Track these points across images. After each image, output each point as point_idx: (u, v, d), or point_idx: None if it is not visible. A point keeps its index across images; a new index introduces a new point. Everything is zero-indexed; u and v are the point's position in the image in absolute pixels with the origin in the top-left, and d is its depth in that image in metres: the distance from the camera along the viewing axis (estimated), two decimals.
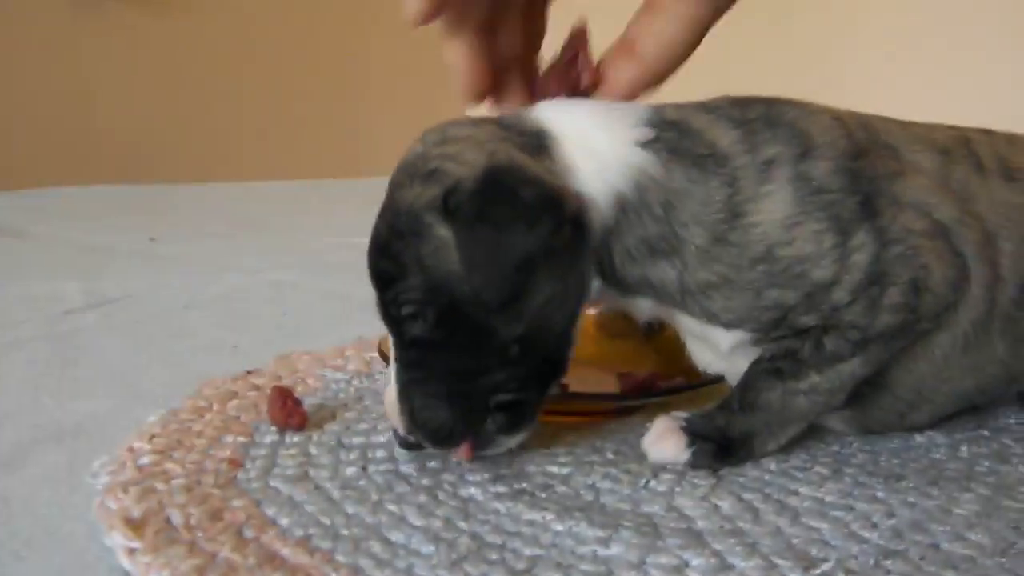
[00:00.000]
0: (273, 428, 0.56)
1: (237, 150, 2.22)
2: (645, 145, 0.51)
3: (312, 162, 2.14)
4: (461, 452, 0.51)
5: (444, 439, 0.50)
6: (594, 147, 0.51)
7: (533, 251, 0.46)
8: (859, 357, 0.51)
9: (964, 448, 0.55)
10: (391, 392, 0.50)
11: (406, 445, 0.52)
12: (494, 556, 0.42)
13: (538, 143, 0.50)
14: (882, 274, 0.50)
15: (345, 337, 0.76)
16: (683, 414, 0.53)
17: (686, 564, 0.42)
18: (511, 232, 0.46)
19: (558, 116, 0.52)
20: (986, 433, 0.57)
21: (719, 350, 0.53)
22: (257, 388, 0.63)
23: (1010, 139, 0.58)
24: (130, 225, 1.43)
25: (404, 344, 0.50)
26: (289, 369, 0.68)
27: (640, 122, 0.51)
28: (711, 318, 0.52)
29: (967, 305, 0.52)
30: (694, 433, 0.52)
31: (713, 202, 0.50)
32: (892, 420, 0.56)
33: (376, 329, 0.77)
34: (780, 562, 0.42)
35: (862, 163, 0.51)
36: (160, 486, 0.49)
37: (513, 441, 0.51)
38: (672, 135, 0.51)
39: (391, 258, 0.49)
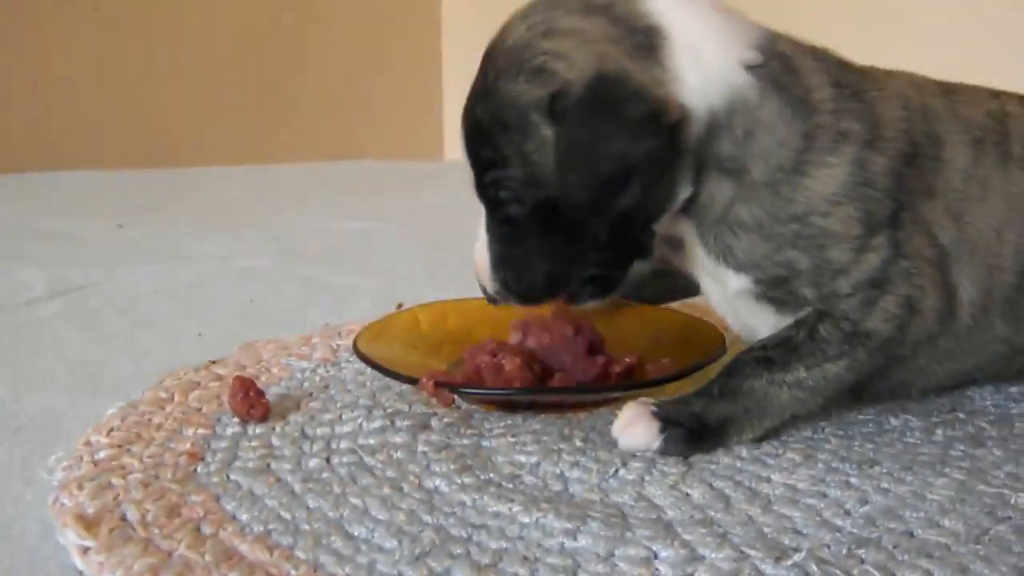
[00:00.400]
0: (236, 419, 0.55)
1: (206, 135, 2.19)
2: (751, 69, 0.51)
3: (282, 147, 2.11)
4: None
5: (535, 300, 0.55)
6: (704, 58, 0.51)
7: (631, 164, 0.49)
8: (846, 359, 0.52)
9: (939, 432, 0.54)
10: (481, 255, 0.54)
11: (492, 300, 0.56)
12: (458, 550, 0.41)
13: (649, 43, 0.51)
14: (885, 281, 0.51)
15: (312, 324, 0.75)
16: (653, 400, 0.52)
17: (655, 556, 0.41)
18: (612, 144, 0.48)
19: (674, 15, 0.52)
20: (961, 416, 0.56)
21: (726, 291, 0.55)
22: (220, 378, 0.62)
23: None
24: (98, 212, 1.40)
25: (497, 220, 0.53)
26: (254, 358, 0.66)
27: (753, 44, 0.52)
28: (726, 255, 0.53)
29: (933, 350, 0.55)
30: (665, 419, 0.51)
31: (787, 147, 0.51)
32: (885, 393, 0.57)
33: (342, 317, 0.76)
34: (751, 552, 0.41)
35: (909, 172, 0.53)
36: (117, 481, 0.47)
37: (601, 302, 0.56)
38: (778, 66, 0.52)
39: (492, 146, 0.51)
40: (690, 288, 0.60)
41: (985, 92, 0.57)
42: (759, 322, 0.55)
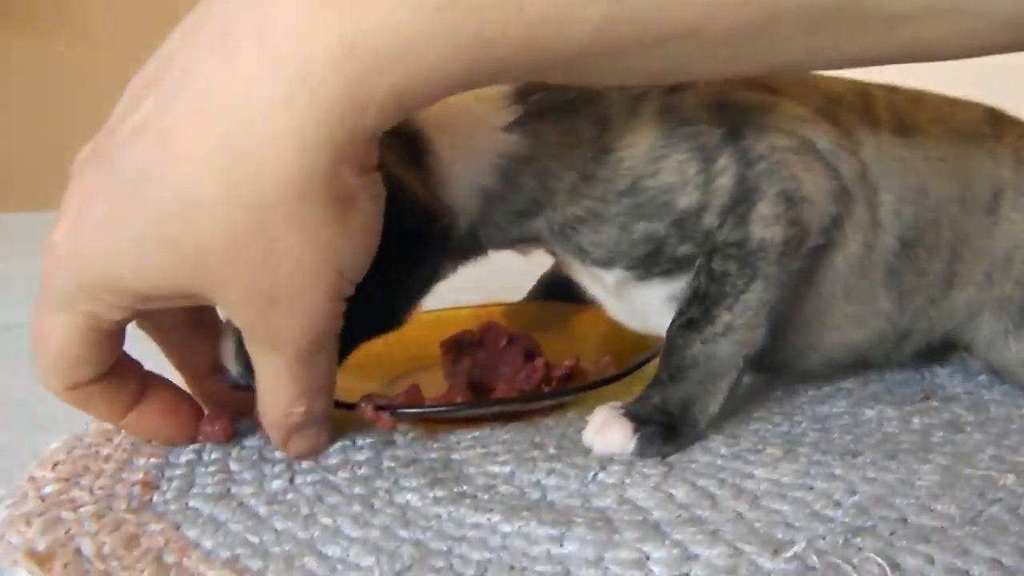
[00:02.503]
0: (189, 447, 0.52)
1: None
2: (512, 126, 0.50)
3: None
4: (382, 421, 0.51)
5: None
6: (463, 143, 0.49)
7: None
8: (758, 281, 0.50)
9: (916, 420, 0.53)
10: (225, 338, 0.50)
11: (237, 386, 0.50)
12: (440, 563, 0.39)
13: (414, 148, 0.49)
14: (748, 192, 0.50)
15: None
16: (619, 403, 0.51)
17: (647, 557, 0.39)
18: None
19: (437, 118, 0.49)
20: (935, 404, 0.55)
21: (608, 287, 0.53)
22: None
23: (915, 96, 0.57)
24: (28, 251, 1.36)
25: None
26: None
27: (508, 100, 0.50)
28: (581, 254, 0.52)
29: (844, 243, 0.52)
30: (635, 418, 0.49)
31: (583, 143, 0.50)
32: (781, 362, 0.56)
33: None
34: (746, 548, 0.39)
35: (732, 96, 0.51)
36: (67, 515, 0.44)
37: None
38: (541, 95, 0.50)
39: None
40: None
41: (843, 77, 0.56)
42: (653, 302, 0.53)
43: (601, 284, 0.54)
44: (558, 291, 0.64)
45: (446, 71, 0.39)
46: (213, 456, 0.51)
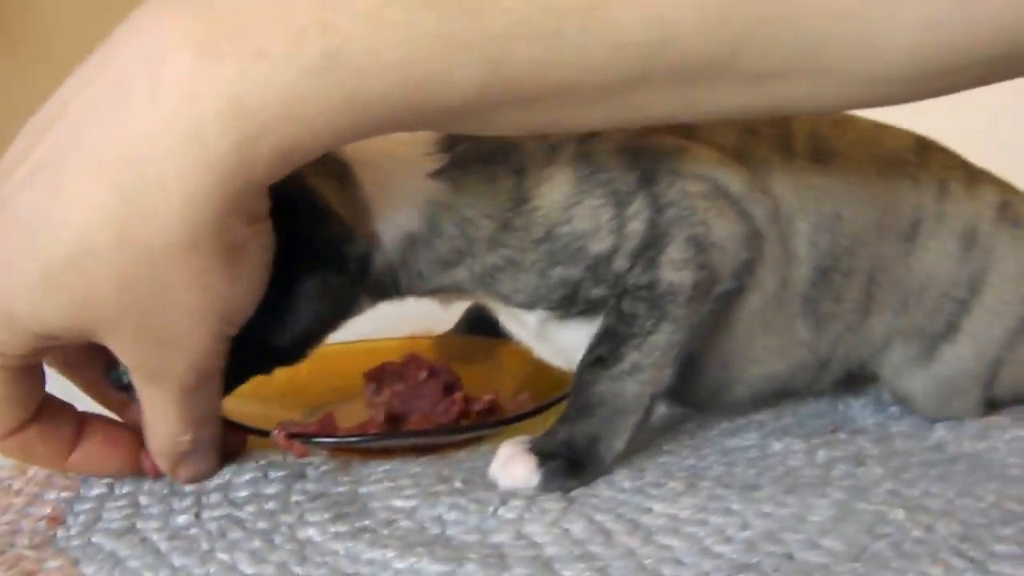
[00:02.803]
0: (103, 480, 0.53)
1: None
2: (437, 173, 0.51)
3: None
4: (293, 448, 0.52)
5: None
6: (389, 184, 0.51)
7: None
8: (666, 323, 0.51)
9: (821, 453, 0.54)
10: None
11: (123, 387, 0.49)
12: None
13: (343, 172, 0.50)
14: (659, 236, 0.51)
15: None
16: (527, 438, 0.51)
17: None
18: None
19: (365, 155, 0.51)
20: (843, 436, 0.56)
21: (528, 327, 0.54)
22: None
23: (842, 120, 0.57)
24: None
25: None
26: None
27: (434, 147, 0.51)
28: (504, 300, 0.53)
29: (756, 281, 0.53)
30: (540, 453, 0.50)
31: (501, 192, 0.51)
32: (706, 396, 0.57)
33: None
34: None
35: (645, 141, 0.52)
36: None
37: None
38: (467, 146, 0.51)
39: None
40: None
41: None
42: (574, 340, 0.54)
43: (523, 325, 0.55)
44: (483, 324, 0.64)
45: (332, 127, 0.40)
46: (124, 490, 0.51)
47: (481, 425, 0.57)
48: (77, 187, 0.41)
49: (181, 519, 0.48)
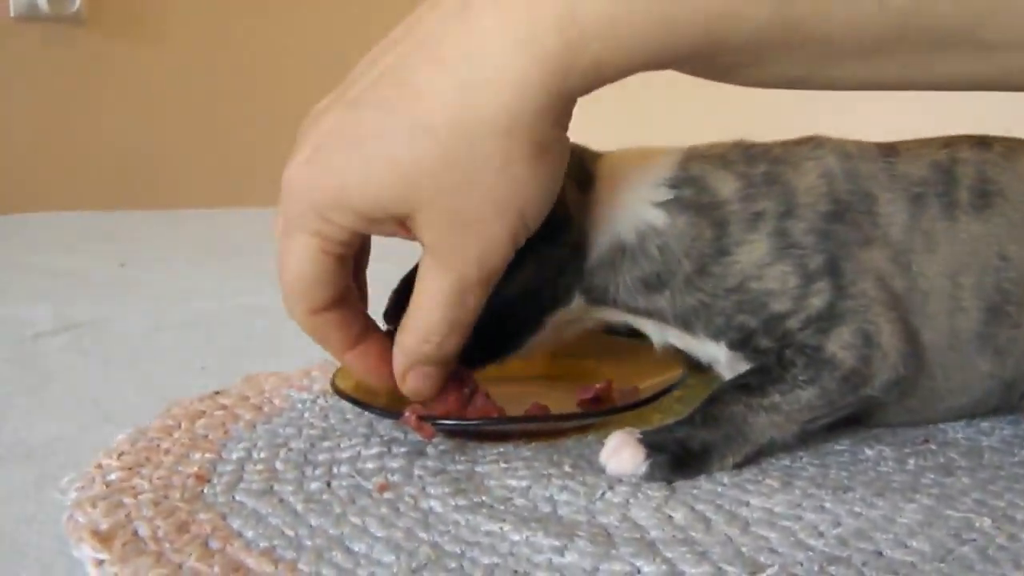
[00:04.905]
0: (241, 445, 0.58)
1: (205, 178, 2.22)
2: (660, 204, 0.58)
3: (279, 190, 2.14)
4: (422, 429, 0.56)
5: None
6: (616, 199, 0.58)
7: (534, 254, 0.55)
8: (815, 387, 0.55)
9: (911, 461, 0.56)
10: None
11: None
12: (453, 564, 0.44)
13: (586, 180, 0.59)
14: (834, 316, 0.56)
15: (310, 359, 0.77)
16: (634, 429, 0.55)
17: (638, 571, 0.43)
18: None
19: (607, 162, 0.60)
20: (933, 447, 0.59)
21: (722, 365, 0.60)
22: (224, 408, 0.64)
23: (1008, 151, 0.60)
24: (100, 251, 1.43)
25: None
26: (256, 389, 0.69)
27: (664, 182, 0.59)
28: (695, 336, 0.59)
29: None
30: (650, 446, 0.53)
31: (704, 239, 0.57)
32: (891, 424, 0.62)
33: None
34: (728, 568, 0.43)
35: (835, 226, 0.57)
36: (128, 500, 0.50)
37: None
38: (689, 192, 0.58)
39: None
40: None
41: (938, 143, 0.60)
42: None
43: (715, 360, 0.61)
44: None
45: (642, 48, 0.47)
46: (262, 456, 0.56)
47: (605, 411, 0.61)
48: (421, 79, 0.48)
49: (314, 485, 0.52)
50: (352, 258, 0.55)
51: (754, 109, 1.19)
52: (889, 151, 0.60)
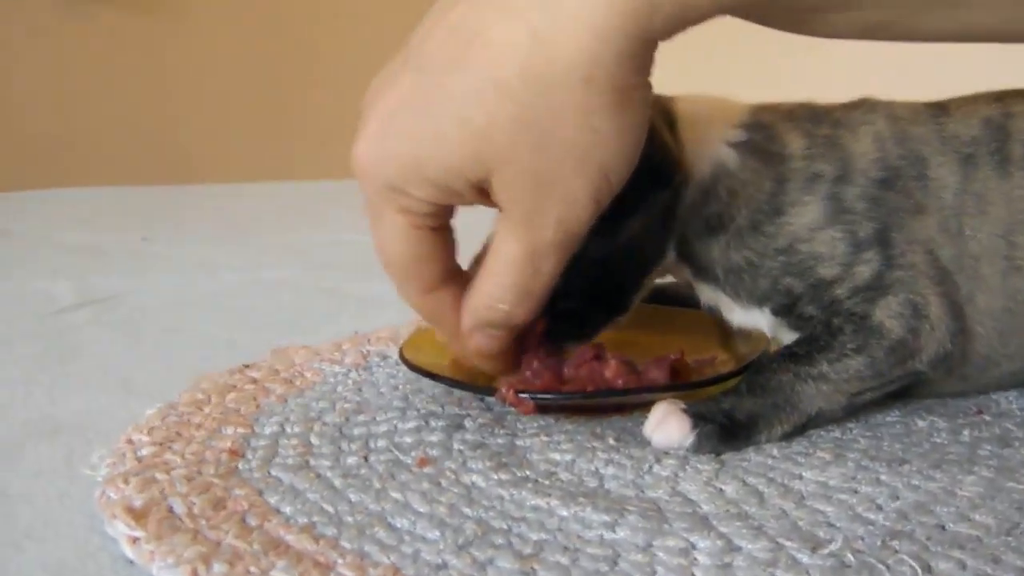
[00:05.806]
0: (273, 419, 0.56)
1: (227, 152, 2.21)
2: (734, 144, 0.57)
3: (302, 164, 2.13)
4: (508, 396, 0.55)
5: None
6: (697, 135, 0.58)
7: (643, 200, 0.54)
8: (863, 356, 0.54)
9: (966, 433, 0.55)
10: None
11: None
12: (500, 540, 0.42)
13: (672, 121, 0.58)
14: (882, 286, 0.54)
15: (340, 332, 0.76)
16: (678, 401, 0.53)
17: (693, 547, 0.42)
18: (638, 178, 0.50)
19: (686, 104, 0.59)
20: (988, 419, 0.57)
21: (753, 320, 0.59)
22: (255, 381, 0.63)
23: None
24: (122, 226, 1.42)
25: None
26: (286, 363, 0.67)
27: (738, 123, 0.58)
28: (736, 296, 0.58)
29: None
30: (696, 416, 0.52)
31: (763, 191, 0.57)
32: (940, 393, 0.61)
33: (372, 324, 0.77)
34: (787, 543, 0.42)
35: (886, 194, 0.56)
36: (161, 476, 0.48)
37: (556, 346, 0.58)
38: (760, 137, 0.58)
39: None
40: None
41: (987, 98, 0.59)
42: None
43: (757, 324, 0.60)
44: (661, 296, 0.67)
45: None
46: (296, 430, 0.55)
47: (705, 382, 0.57)
48: (490, 31, 0.45)
49: (351, 460, 0.51)
50: (451, 229, 0.52)
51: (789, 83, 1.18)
52: (939, 110, 0.59)
